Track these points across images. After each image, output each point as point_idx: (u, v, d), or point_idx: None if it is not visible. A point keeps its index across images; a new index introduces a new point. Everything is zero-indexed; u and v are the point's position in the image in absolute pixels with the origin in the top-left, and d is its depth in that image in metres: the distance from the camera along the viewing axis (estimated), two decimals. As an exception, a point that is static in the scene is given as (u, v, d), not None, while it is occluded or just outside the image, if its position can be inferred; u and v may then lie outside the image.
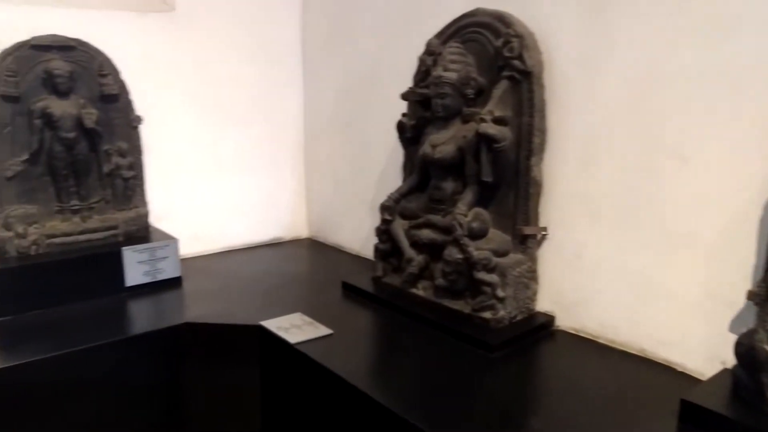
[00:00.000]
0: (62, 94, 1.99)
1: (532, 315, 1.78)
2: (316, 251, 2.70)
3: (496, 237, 1.76)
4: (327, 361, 1.56)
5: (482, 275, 1.66)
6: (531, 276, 1.76)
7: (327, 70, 2.61)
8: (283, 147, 2.72)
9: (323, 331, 1.74)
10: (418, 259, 1.87)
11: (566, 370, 1.55)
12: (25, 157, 1.98)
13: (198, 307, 1.99)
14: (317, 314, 1.85)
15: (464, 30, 1.84)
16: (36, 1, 2.02)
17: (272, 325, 1.78)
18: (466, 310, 1.73)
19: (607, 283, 1.64)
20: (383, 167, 2.34)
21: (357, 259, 2.52)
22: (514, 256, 1.74)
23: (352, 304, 1.99)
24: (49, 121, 1.97)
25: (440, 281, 1.79)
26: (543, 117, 1.71)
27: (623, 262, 1.60)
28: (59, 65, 1.97)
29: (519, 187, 1.74)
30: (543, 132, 1.72)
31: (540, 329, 1.74)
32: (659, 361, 1.55)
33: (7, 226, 1.95)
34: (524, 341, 1.67)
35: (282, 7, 2.60)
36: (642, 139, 1.53)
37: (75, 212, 2.08)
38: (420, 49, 1.95)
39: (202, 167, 2.49)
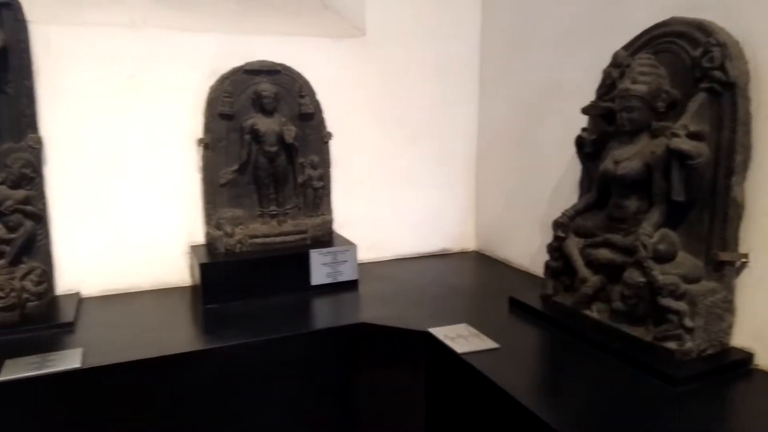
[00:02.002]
0: (268, 112, 2.24)
1: (726, 350, 1.61)
2: (482, 264, 2.71)
3: (686, 261, 1.62)
4: (493, 374, 1.56)
5: (668, 302, 1.55)
6: (726, 307, 1.60)
7: (503, 84, 2.62)
8: (455, 161, 2.79)
9: (489, 344, 1.75)
10: (593, 279, 1.79)
11: (765, 416, 1.38)
12: (236, 167, 2.26)
13: (372, 309, 2.11)
14: (483, 327, 1.86)
15: (656, 40, 1.74)
16: (249, 32, 2.32)
17: (439, 333, 1.83)
18: (647, 338, 1.62)
19: (824, 321, 1.43)
20: (557, 183, 2.29)
21: (525, 275, 2.48)
22: (707, 284, 1.59)
23: (519, 321, 1.97)
24: (256, 136, 2.23)
25: (618, 305, 1.70)
26: (747, 132, 1.55)
27: None
28: (267, 87, 2.23)
29: (716, 209, 1.59)
30: (747, 148, 1.56)
31: (735, 366, 1.57)
32: None
33: (218, 227, 2.24)
34: (715, 378, 1.52)
35: (462, 24, 2.67)
36: None
37: (273, 216, 2.33)
38: (604, 62, 1.88)
39: (381, 180, 2.65)
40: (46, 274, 2.00)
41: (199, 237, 2.34)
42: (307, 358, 1.92)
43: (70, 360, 1.64)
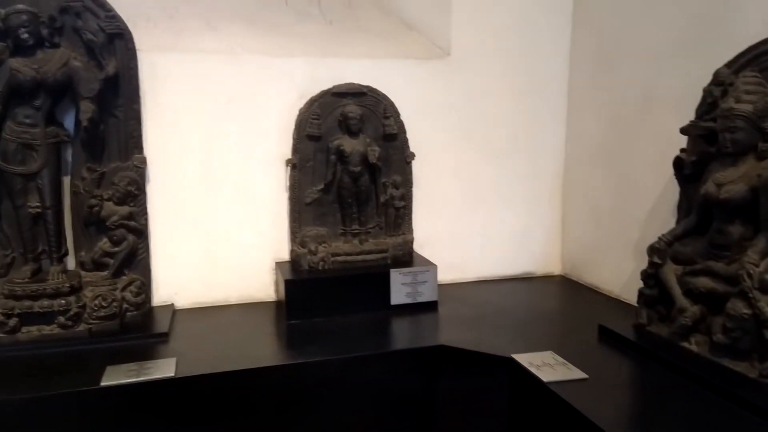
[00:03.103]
0: (353, 133, 2.29)
1: (843, 391, 1.46)
2: (568, 289, 2.62)
3: (798, 294, 1.49)
4: (581, 405, 1.50)
5: (776, 336, 1.43)
6: (843, 344, 1.45)
7: (593, 101, 2.54)
8: (540, 181, 2.73)
9: (577, 374, 1.69)
10: (692, 309, 1.69)
11: None
12: (321, 186, 2.32)
13: (451, 331, 2.08)
14: (570, 355, 1.80)
15: (763, 57, 1.64)
16: (338, 55, 2.39)
17: (524, 359, 1.78)
18: (752, 374, 1.50)
19: None
20: (652, 205, 2.18)
21: (615, 302, 2.37)
22: (823, 319, 1.46)
23: (609, 351, 1.88)
24: (341, 156, 2.29)
25: (719, 337, 1.59)
26: None
27: None
28: (353, 109, 2.28)
29: (833, 237, 1.47)
30: None
31: None
32: None
33: (303, 244, 2.31)
34: (831, 422, 1.38)
35: (550, 41, 2.63)
36: None
37: (355, 235, 2.37)
38: (703, 79, 1.79)
39: (463, 200, 2.63)
40: (145, 286, 2.14)
41: (284, 254, 2.41)
42: (386, 378, 1.92)
43: (164, 369, 1.73)
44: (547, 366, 1.73)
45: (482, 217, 2.66)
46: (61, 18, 1.97)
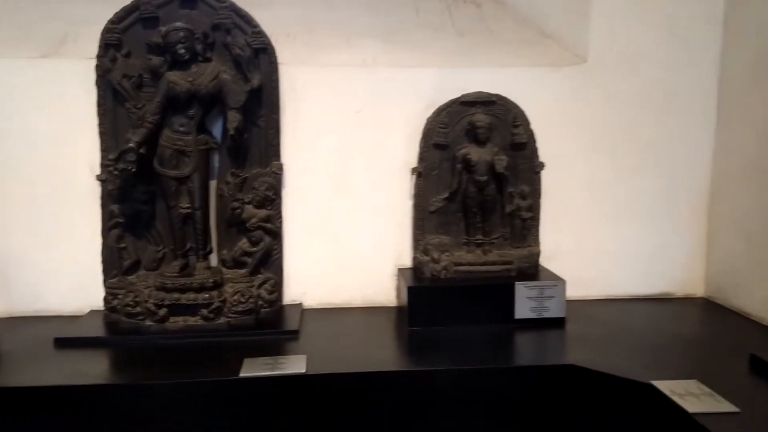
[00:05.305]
0: (480, 142, 2.27)
1: None
2: (713, 314, 2.40)
3: None
4: (734, 442, 1.37)
5: None
6: None
7: (748, 114, 2.31)
8: (683, 196, 2.52)
9: (727, 406, 1.54)
10: None
11: None
12: (446, 195, 2.32)
13: (580, 351, 1.98)
14: (717, 386, 1.64)
15: None
16: (467, 65, 2.38)
17: (665, 387, 1.65)
18: None
19: None
20: (818, 226, 1.94)
21: (768, 330, 2.14)
22: None
23: (762, 383, 1.70)
24: (467, 165, 2.27)
25: None
26: None
27: None
28: (481, 118, 2.26)
29: None
30: None
31: None
32: None
33: (426, 252, 2.31)
34: None
35: (698, 49, 2.44)
36: None
37: (478, 245, 2.33)
38: None
39: (594, 212, 2.50)
40: (278, 285, 2.26)
41: (406, 260, 2.43)
42: (507, 395, 1.87)
43: (296, 365, 1.82)
44: (691, 396, 1.59)
45: (616, 232, 2.51)
46: (213, 34, 2.14)
